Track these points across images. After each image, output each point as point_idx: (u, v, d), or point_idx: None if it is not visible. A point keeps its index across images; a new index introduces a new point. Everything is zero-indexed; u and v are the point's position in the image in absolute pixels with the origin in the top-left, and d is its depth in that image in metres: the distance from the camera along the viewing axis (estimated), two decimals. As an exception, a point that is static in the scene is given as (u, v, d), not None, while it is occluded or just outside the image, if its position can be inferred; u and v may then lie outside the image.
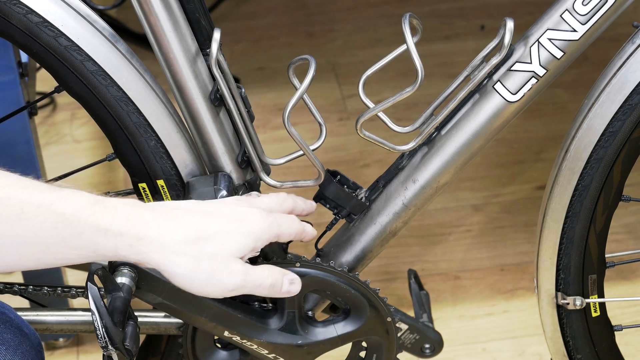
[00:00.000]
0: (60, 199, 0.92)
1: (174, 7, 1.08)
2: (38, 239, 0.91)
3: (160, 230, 0.95)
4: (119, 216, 0.94)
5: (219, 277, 0.97)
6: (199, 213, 0.99)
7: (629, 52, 1.11)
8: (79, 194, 0.93)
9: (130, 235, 0.94)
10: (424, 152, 1.17)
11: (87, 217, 0.92)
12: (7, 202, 0.89)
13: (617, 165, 1.15)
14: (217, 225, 0.98)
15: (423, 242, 1.95)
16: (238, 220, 0.99)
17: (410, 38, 1.09)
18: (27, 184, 0.91)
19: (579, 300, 1.22)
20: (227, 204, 1.02)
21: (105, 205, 0.94)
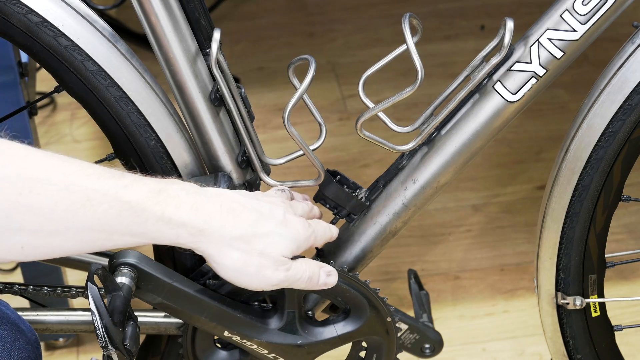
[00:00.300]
0: (125, 187, 0.94)
1: (174, 7, 1.08)
2: (101, 226, 0.93)
3: (221, 224, 1.00)
4: (182, 205, 0.97)
5: (265, 273, 1.03)
6: (255, 211, 1.03)
7: (628, 52, 1.11)
8: (142, 181, 0.96)
9: (192, 225, 0.98)
10: (423, 152, 1.17)
11: (152, 206, 0.95)
12: (73, 189, 0.91)
13: (617, 165, 1.15)
14: (270, 226, 1.03)
15: (423, 242, 1.95)
16: (286, 226, 1.05)
17: (410, 38, 1.09)
18: (91, 171, 0.93)
19: (578, 300, 1.22)
20: (277, 206, 1.06)
21: (169, 194, 0.96)
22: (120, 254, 1.09)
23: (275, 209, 1.05)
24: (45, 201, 0.89)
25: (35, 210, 0.89)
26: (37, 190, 0.89)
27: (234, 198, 1.03)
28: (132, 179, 0.95)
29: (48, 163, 0.91)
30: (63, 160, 0.92)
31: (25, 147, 0.91)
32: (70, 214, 0.91)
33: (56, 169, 0.91)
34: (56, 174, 0.90)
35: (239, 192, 1.06)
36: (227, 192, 1.04)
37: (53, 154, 0.93)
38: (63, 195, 0.90)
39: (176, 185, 0.99)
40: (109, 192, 0.92)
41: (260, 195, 1.09)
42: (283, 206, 1.07)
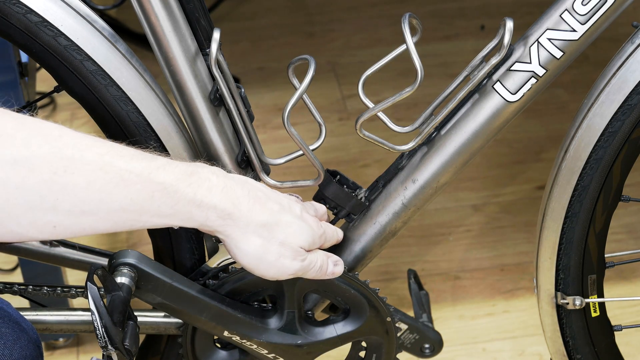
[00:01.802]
0: (158, 169, 0.95)
1: (174, 7, 1.08)
2: (133, 206, 0.94)
3: (249, 209, 1.01)
4: (213, 188, 0.99)
5: (284, 262, 1.05)
6: (277, 203, 1.05)
7: (628, 52, 1.11)
8: (174, 164, 0.97)
9: (222, 208, 0.99)
10: (423, 152, 1.17)
11: (184, 188, 0.96)
12: (107, 168, 0.92)
13: (616, 165, 1.15)
14: (290, 218, 1.05)
15: (423, 242, 1.95)
16: (304, 221, 1.07)
17: (410, 38, 1.09)
18: (125, 152, 0.94)
19: (578, 300, 1.22)
20: (294, 203, 1.09)
21: (200, 177, 0.98)
22: (120, 254, 1.09)
23: (292, 204, 1.07)
24: (80, 180, 0.90)
25: (69, 190, 0.90)
26: (71, 169, 0.90)
27: (258, 187, 1.05)
28: (164, 161, 0.96)
29: (82, 143, 0.92)
30: (96, 140, 0.93)
31: (59, 127, 0.92)
32: (104, 194, 0.92)
33: (90, 149, 0.92)
34: (91, 154, 0.91)
35: (262, 185, 1.08)
36: (251, 181, 1.06)
37: (86, 135, 0.93)
38: (97, 175, 0.91)
39: (206, 168, 1.00)
40: (142, 173, 0.94)
41: (277, 192, 1.10)
42: (299, 204, 1.09)
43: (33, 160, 0.88)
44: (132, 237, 1.96)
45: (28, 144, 0.89)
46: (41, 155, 0.89)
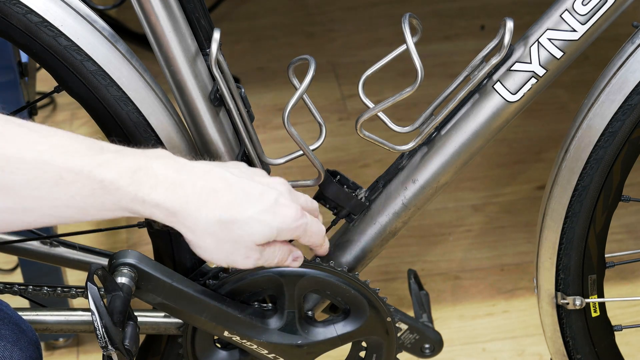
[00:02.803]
0: (99, 166, 0.92)
1: (174, 7, 1.08)
2: (76, 203, 0.92)
3: (197, 207, 0.97)
4: (159, 186, 0.95)
5: (235, 259, 1.02)
6: (241, 192, 1.00)
7: (628, 52, 1.11)
8: (121, 158, 0.94)
9: (166, 208, 0.96)
10: (423, 152, 1.17)
11: (125, 187, 0.93)
12: (46, 167, 0.90)
13: (616, 166, 1.15)
14: (252, 212, 1.00)
15: (423, 242, 1.95)
16: (273, 213, 1.01)
17: (410, 38, 1.09)
18: (70, 147, 0.92)
19: (578, 300, 1.22)
20: (272, 190, 1.02)
21: (147, 173, 0.94)
22: (120, 254, 1.09)
23: (268, 192, 1.02)
24: (18, 179, 0.89)
25: (7, 189, 0.89)
26: (9, 169, 0.89)
27: (221, 176, 0.99)
28: (111, 155, 0.93)
29: (24, 139, 0.90)
30: (43, 135, 0.91)
31: (3, 123, 0.90)
32: (45, 192, 0.90)
33: (31, 147, 0.90)
34: (30, 152, 0.89)
35: (234, 167, 1.03)
36: (216, 169, 1.00)
37: (34, 128, 0.92)
38: (35, 174, 0.90)
39: (159, 161, 0.96)
40: (82, 170, 0.91)
41: (259, 176, 1.05)
42: (279, 190, 1.03)
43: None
44: (132, 237, 1.97)
45: None
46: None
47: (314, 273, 1.16)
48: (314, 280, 1.16)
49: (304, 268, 1.16)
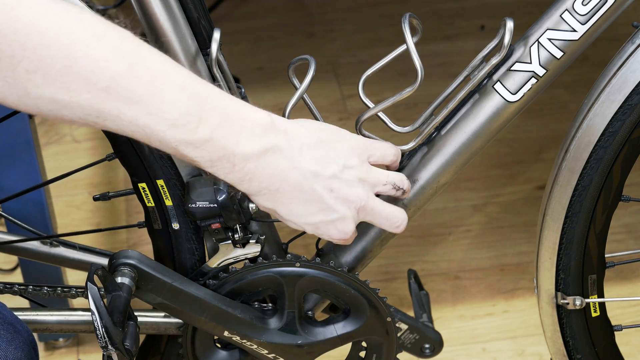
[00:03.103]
0: (185, 146, 0.93)
1: (174, 7, 1.08)
2: None
3: (258, 190, 1.00)
4: (233, 174, 0.97)
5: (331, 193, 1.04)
6: (314, 199, 1.02)
7: (628, 52, 1.11)
8: (207, 143, 0.94)
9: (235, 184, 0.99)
10: (423, 152, 1.17)
11: (205, 167, 0.96)
12: (135, 129, 0.91)
13: (616, 165, 1.14)
14: (317, 219, 1.04)
15: (423, 242, 1.95)
16: (327, 224, 1.05)
17: (410, 38, 1.09)
18: (166, 114, 0.91)
19: (578, 300, 1.22)
20: (348, 204, 1.05)
21: (225, 162, 0.96)
22: (120, 254, 1.09)
23: (340, 207, 1.04)
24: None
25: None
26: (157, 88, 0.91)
27: (303, 171, 1.01)
28: (204, 132, 0.94)
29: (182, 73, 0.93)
30: (153, 94, 0.91)
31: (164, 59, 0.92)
32: (135, 136, 0.92)
33: (135, 105, 0.90)
34: (129, 114, 0.90)
35: (336, 149, 1.04)
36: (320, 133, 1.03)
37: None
38: (128, 130, 0.91)
39: (243, 148, 0.96)
40: (169, 144, 0.93)
41: (348, 167, 1.05)
42: (353, 205, 1.05)
43: None
44: (132, 237, 1.97)
45: None
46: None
47: (314, 273, 1.16)
48: (314, 280, 1.16)
49: (304, 268, 1.16)
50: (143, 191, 1.17)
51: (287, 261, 1.16)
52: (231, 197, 1.13)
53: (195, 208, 1.13)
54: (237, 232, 1.16)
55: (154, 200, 1.17)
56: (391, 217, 1.09)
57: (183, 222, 1.18)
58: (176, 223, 1.18)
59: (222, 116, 0.94)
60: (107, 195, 1.24)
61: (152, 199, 1.17)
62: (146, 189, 1.17)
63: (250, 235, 1.17)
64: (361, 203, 1.05)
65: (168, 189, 1.16)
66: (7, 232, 1.36)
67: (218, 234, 1.16)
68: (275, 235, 1.23)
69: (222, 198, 1.12)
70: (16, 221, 1.37)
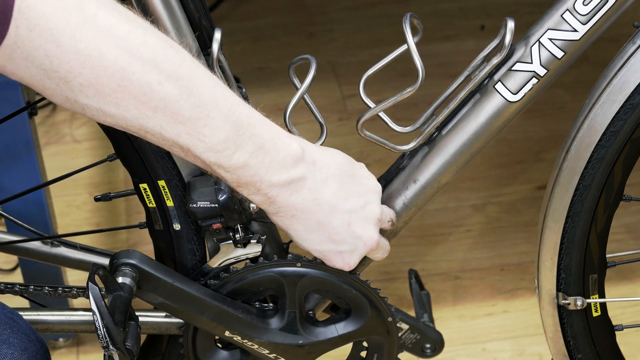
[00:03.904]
0: (216, 167, 0.96)
1: (175, 7, 1.08)
2: None
3: (284, 219, 1.04)
4: (257, 196, 1.01)
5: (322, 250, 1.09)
6: (327, 233, 1.06)
7: (629, 52, 1.11)
8: (237, 169, 0.97)
9: (269, 205, 1.02)
10: (424, 152, 1.17)
11: (230, 184, 0.99)
12: (172, 145, 0.94)
13: (618, 165, 1.15)
14: (337, 245, 1.08)
15: (423, 242, 1.95)
16: (351, 251, 1.10)
17: (410, 38, 1.09)
18: (206, 138, 0.94)
19: (579, 300, 1.22)
20: (359, 239, 1.09)
21: (251, 187, 0.99)
22: (121, 254, 1.09)
23: (353, 241, 1.09)
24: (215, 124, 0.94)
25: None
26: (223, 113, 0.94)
27: (333, 189, 1.05)
28: (237, 160, 0.96)
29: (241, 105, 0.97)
30: (200, 117, 0.93)
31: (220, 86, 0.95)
32: (166, 146, 0.94)
33: (179, 126, 0.92)
34: (170, 132, 0.93)
35: (350, 200, 1.07)
36: (331, 176, 1.05)
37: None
38: (166, 144, 0.94)
39: (271, 178, 0.99)
40: (199, 158, 0.95)
41: (362, 201, 1.09)
42: (364, 243, 1.09)
43: None
44: (133, 237, 1.96)
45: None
46: None
47: (315, 273, 1.16)
48: (315, 280, 1.16)
49: (305, 268, 1.16)
50: (144, 192, 1.17)
51: (288, 261, 1.16)
52: (232, 197, 1.13)
53: (197, 208, 1.13)
54: (238, 232, 1.16)
55: (155, 201, 1.17)
56: (384, 249, 1.14)
57: (184, 222, 1.18)
58: (177, 224, 1.18)
59: (258, 145, 0.97)
60: (109, 195, 1.25)
61: (153, 199, 1.17)
62: (147, 190, 1.17)
63: (251, 235, 1.17)
64: (373, 244, 1.09)
65: (169, 189, 1.16)
66: (8, 232, 1.36)
67: (219, 234, 1.16)
68: (276, 235, 1.23)
69: (223, 198, 1.12)
70: (17, 221, 1.37)
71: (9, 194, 1.38)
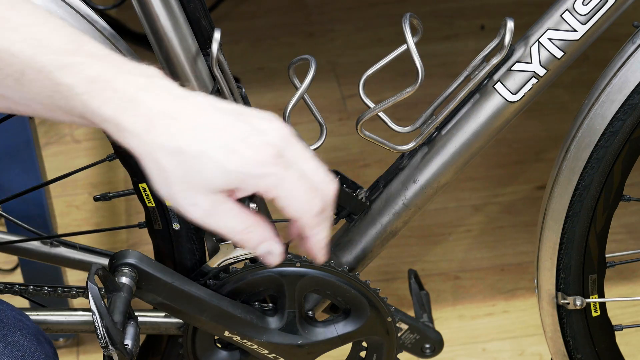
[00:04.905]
0: (62, 68, 0.86)
1: (174, 7, 1.08)
2: (40, 99, 0.87)
3: (146, 130, 0.85)
4: (111, 101, 0.85)
5: (179, 201, 0.85)
6: (205, 123, 0.85)
7: (629, 52, 1.11)
8: (89, 65, 0.86)
9: (114, 123, 0.85)
10: (424, 152, 1.17)
11: (79, 95, 0.86)
12: (12, 60, 0.86)
13: (617, 165, 1.15)
14: (205, 146, 0.84)
15: (423, 242, 1.95)
16: (231, 152, 0.84)
17: (410, 38, 1.09)
18: (45, 41, 0.86)
19: (579, 300, 1.22)
20: (249, 124, 0.87)
21: (104, 86, 0.85)
22: (120, 254, 1.09)
23: (237, 126, 0.86)
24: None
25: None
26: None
27: (193, 101, 0.86)
28: (82, 59, 0.86)
29: (5, 25, 0.86)
30: (27, 23, 0.86)
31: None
32: (10, 83, 0.87)
33: (7, 35, 0.85)
34: (3, 41, 0.85)
35: (213, 101, 0.88)
36: (199, 98, 0.87)
37: (25, 11, 0.87)
38: (4, 64, 0.85)
39: (128, 76, 0.86)
40: (42, 70, 0.85)
41: (254, 117, 0.89)
42: (262, 130, 0.87)
43: None
44: (133, 237, 1.97)
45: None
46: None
47: (314, 273, 1.16)
48: (314, 280, 1.16)
49: (305, 268, 1.16)
50: (144, 191, 1.17)
51: (287, 261, 1.16)
52: (232, 197, 1.13)
53: (196, 208, 1.13)
54: (237, 232, 1.16)
55: (155, 201, 1.17)
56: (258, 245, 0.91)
57: (183, 222, 1.18)
58: (177, 223, 1.18)
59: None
60: (108, 195, 1.25)
61: (152, 199, 1.17)
62: (147, 189, 1.17)
63: (250, 235, 1.17)
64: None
65: (168, 189, 1.16)
66: (7, 232, 1.36)
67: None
68: (275, 235, 1.23)
69: (222, 198, 1.12)
70: (16, 221, 1.37)
71: (8, 194, 1.38)
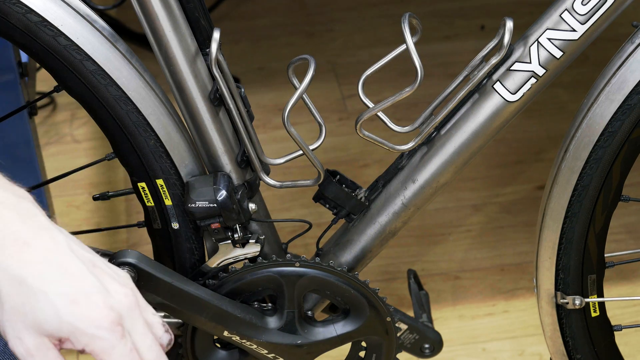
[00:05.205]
0: None
1: (174, 7, 1.09)
2: None
3: None
4: None
5: (7, 332, 0.81)
6: (57, 263, 0.82)
7: (628, 52, 1.11)
8: None
9: None
10: (423, 152, 1.17)
11: None
12: None
13: (616, 165, 1.15)
14: (49, 287, 0.80)
15: (423, 242, 1.95)
16: (74, 303, 0.80)
17: (409, 38, 1.09)
18: None
19: (578, 300, 1.22)
20: (100, 283, 0.82)
21: None
22: (120, 254, 1.09)
23: (87, 279, 0.81)
24: None
25: None
26: None
27: (54, 240, 0.84)
28: None
29: None
30: None
31: None
32: None
33: None
34: None
35: (88, 252, 0.85)
36: (61, 236, 0.85)
37: None
38: None
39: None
40: None
41: (107, 274, 0.84)
42: (110, 290, 0.82)
43: None
44: (132, 237, 1.97)
45: None
46: None
47: (313, 273, 1.16)
48: (313, 280, 1.16)
49: (304, 268, 1.16)
50: (142, 191, 1.17)
51: (286, 261, 1.16)
52: (231, 197, 1.13)
53: (195, 208, 1.13)
54: (236, 231, 1.16)
55: (154, 200, 1.17)
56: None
57: (183, 221, 1.18)
58: (176, 223, 1.18)
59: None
60: (107, 194, 1.25)
61: (151, 198, 1.17)
62: (146, 189, 1.17)
63: (249, 235, 1.17)
64: None
65: (167, 188, 1.16)
66: (7, 232, 1.36)
67: (218, 233, 1.16)
68: (274, 235, 1.23)
69: (221, 198, 1.12)
70: (16, 221, 1.36)
71: (8, 194, 1.38)
